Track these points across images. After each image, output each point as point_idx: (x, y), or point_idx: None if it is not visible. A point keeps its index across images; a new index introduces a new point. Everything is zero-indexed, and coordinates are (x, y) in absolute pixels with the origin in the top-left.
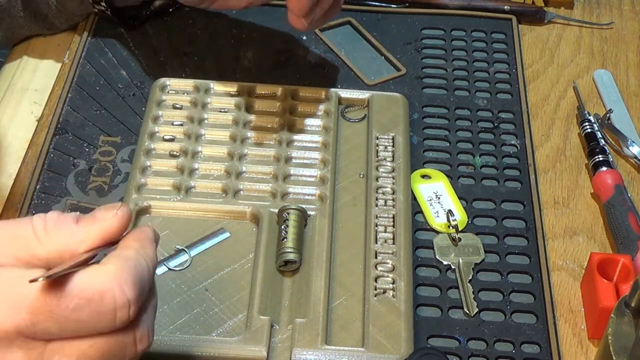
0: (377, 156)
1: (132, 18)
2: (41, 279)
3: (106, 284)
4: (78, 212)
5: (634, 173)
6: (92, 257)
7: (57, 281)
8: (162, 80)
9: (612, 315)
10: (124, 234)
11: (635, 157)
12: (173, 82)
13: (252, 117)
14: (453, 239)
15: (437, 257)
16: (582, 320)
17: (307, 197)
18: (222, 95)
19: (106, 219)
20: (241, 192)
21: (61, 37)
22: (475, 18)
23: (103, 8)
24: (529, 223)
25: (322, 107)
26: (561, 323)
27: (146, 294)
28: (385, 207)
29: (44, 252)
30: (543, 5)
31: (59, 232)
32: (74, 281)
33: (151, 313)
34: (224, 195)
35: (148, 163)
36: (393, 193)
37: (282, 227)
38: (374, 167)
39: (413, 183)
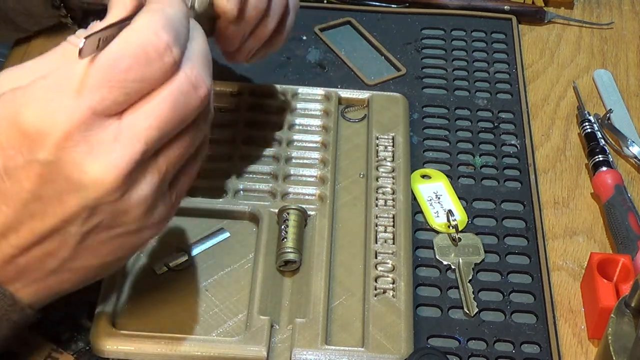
0: (377, 156)
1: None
2: (83, 41)
3: (142, 37)
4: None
5: (634, 173)
6: (125, 20)
7: (101, 56)
8: None
9: (612, 315)
10: None
11: (635, 157)
12: None
13: (252, 117)
14: (453, 239)
15: (437, 257)
16: (582, 320)
17: (307, 197)
18: (222, 95)
19: None
20: (241, 192)
21: (61, 37)
22: (475, 18)
23: (62, 15)
24: (529, 223)
25: (322, 107)
26: (561, 323)
27: (184, 37)
28: (385, 207)
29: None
30: (543, 5)
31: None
32: (114, 48)
33: (199, 58)
34: (224, 195)
35: None
36: (393, 193)
37: (282, 227)
38: (374, 167)
39: (413, 183)
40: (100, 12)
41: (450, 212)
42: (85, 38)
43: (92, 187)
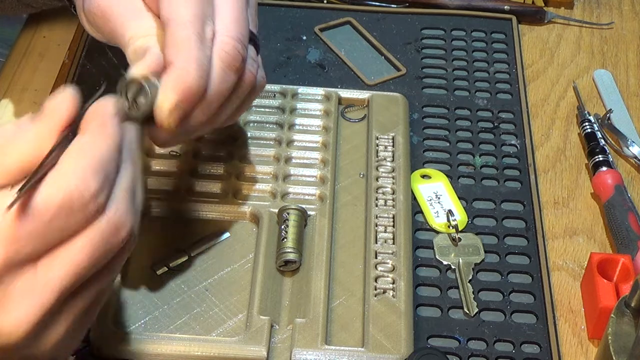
0: (377, 156)
1: None
2: (16, 203)
3: (70, 186)
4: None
5: (634, 173)
6: (56, 155)
7: (24, 202)
8: None
9: (612, 315)
10: (83, 114)
11: (635, 157)
12: None
13: (252, 117)
14: (453, 239)
15: (437, 257)
16: (582, 320)
17: (307, 197)
18: None
19: (52, 108)
20: (241, 192)
21: (61, 37)
22: (475, 18)
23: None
24: (529, 223)
25: (322, 107)
26: (561, 323)
27: (113, 176)
28: (385, 207)
29: (5, 169)
30: (543, 5)
31: (15, 145)
32: (41, 196)
33: (125, 196)
34: (224, 195)
35: (148, 163)
36: (393, 193)
37: (282, 227)
38: (374, 167)
39: (413, 183)
40: None
41: (450, 212)
42: (17, 199)
43: (2, 338)
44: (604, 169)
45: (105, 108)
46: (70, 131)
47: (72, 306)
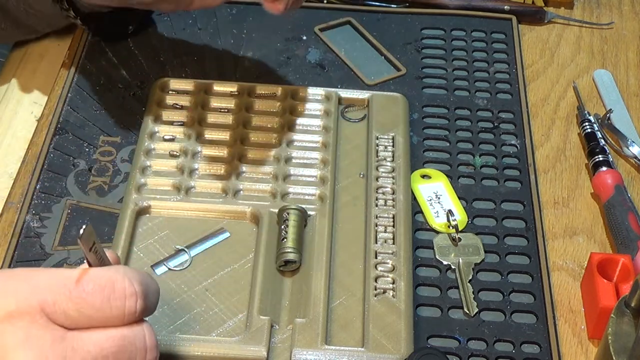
0: (377, 156)
1: (113, 35)
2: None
3: (117, 276)
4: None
5: (634, 173)
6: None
7: (70, 271)
8: (162, 80)
9: (612, 315)
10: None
11: (635, 157)
12: (173, 82)
13: (252, 117)
14: (453, 239)
15: (437, 257)
16: (582, 320)
17: (307, 197)
18: (222, 95)
19: None
20: (241, 192)
21: (61, 37)
22: (475, 18)
23: (72, 17)
24: (529, 223)
25: (322, 107)
26: (561, 323)
27: (153, 303)
28: (385, 207)
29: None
30: (543, 5)
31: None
32: (89, 272)
33: (153, 333)
34: (224, 195)
35: (148, 163)
36: (393, 193)
37: (282, 227)
38: (374, 167)
39: (413, 183)
40: (105, 14)
41: (450, 212)
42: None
43: None
44: (604, 169)
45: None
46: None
47: None
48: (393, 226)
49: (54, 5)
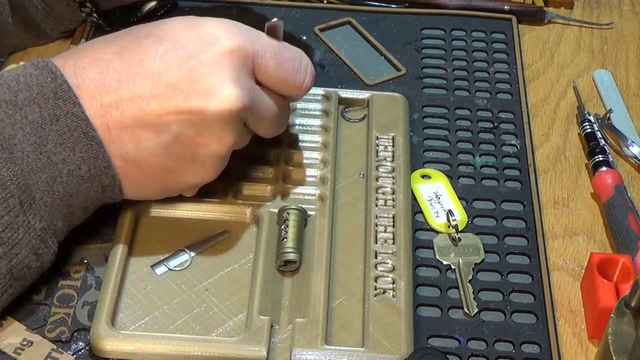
0: (377, 156)
1: (120, 24)
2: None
3: (304, 55)
4: None
5: (634, 173)
6: None
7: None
8: None
9: (612, 315)
10: None
11: (635, 157)
12: None
13: None
14: (453, 239)
15: (437, 257)
16: (582, 320)
17: (307, 197)
18: None
19: None
20: (241, 192)
21: (61, 36)
22: (475, 18)
23: (89, 10)
24: (529, 223)
25: (322, 107)
26: (561, 323)
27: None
28: (385, 207)
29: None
30: (543, 5)
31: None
32: (285, 44)
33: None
34: (224, 195)
35: None
36: (393, 193)
37: (282, 227)
38: (374, 167)
39: (413, 183)
40: (123, 8)
41: (450, 212)
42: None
43: (220, 100)
44: (604, 169)
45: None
46: None
47: (245, 131)
48: (393, 226)
49: (75, 7)
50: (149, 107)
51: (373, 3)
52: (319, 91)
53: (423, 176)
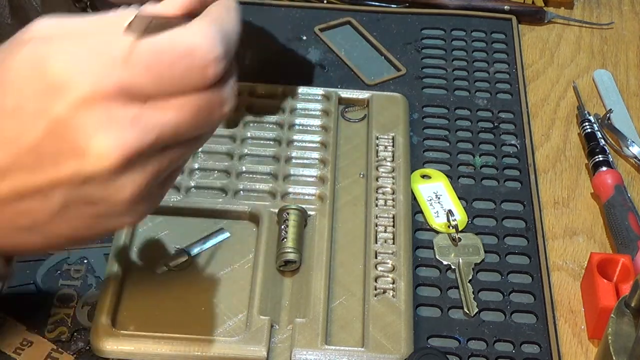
0: (377, 156)
1: None
2: (134, 17)
3: (196, 40)
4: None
5: (634, 173)
6: (180, 19)
7: (148, 40)
8: None
9: (612, 315)
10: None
11: (635, 157)
12: None
13: (252, 117)
14: (453, 239)
15: (437, 257)
16: (582, 320)
17: (307, 197)
18: None
19: None
20: (241, 192)
21: None
22: (475, 18)
23: (84, 5)
24: (529, 223)
25: (322, 107)
26: (561, 323)
27: (232, 55)
28: (385, 207)
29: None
30: (543, 5)
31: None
32: (165, 38)
33: (233, 79)
34: (224, 195)
35: None
36: (393, 193)
37: (282, 227)
38: (374, 167)
39: (413, 183)
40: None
41: (450, 212)
42: (136, 15)
43: (93, 159)
44: (604, 169)
45: (228, 2)
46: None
47: (161, 159)
48: (393, 226)
49: (77, 11)
50: (18, 180)
51: (373, 3)
52: (319, 91)
53: (423, 176)
